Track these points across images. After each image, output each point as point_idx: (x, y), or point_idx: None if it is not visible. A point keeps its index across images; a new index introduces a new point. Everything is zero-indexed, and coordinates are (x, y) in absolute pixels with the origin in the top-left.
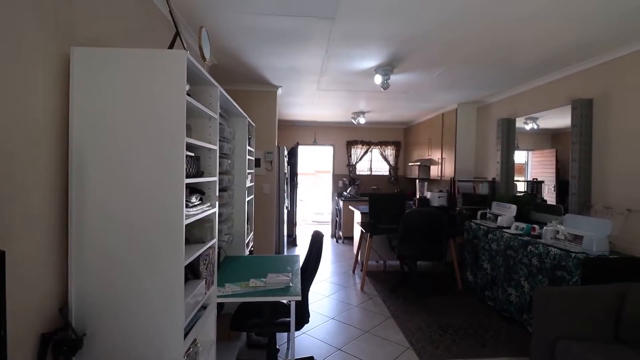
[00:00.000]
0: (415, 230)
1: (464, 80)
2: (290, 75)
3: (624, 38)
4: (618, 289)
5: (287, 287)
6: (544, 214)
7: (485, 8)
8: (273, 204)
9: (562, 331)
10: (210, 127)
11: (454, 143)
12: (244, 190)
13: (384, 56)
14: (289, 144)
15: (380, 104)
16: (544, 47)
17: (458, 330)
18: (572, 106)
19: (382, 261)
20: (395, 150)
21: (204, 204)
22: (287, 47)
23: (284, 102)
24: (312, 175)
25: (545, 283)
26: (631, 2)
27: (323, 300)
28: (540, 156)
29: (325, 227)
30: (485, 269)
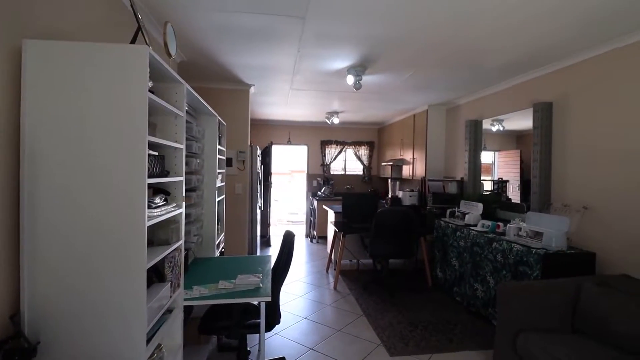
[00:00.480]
0: (387, 229)
1: (434, 82)
2: (263, 74)
3: (580, 46)
4: (574, 282)
5: (257, 288)
6: (508, 211)
7: (455, 14)
8: (245, 204)
9: (523, 324)
10: (177, 126)
11: (424, 143)
12: (214, 190)
13: (355, 57)
14: (263, 144)
15: (353, 105)
16: (509, 52)
17: (427, 326)
18: (533, 109)
19: (355, 260)
20: (369, 150)
21: (169, 205)
22: (258, 45)
23: (257, 101)
24: (287, 175)
25: (509, 278)
26: (586, 14)
27: (296, 300)
28: (506, 156)
29: (300, 227)
30: (454, 266)
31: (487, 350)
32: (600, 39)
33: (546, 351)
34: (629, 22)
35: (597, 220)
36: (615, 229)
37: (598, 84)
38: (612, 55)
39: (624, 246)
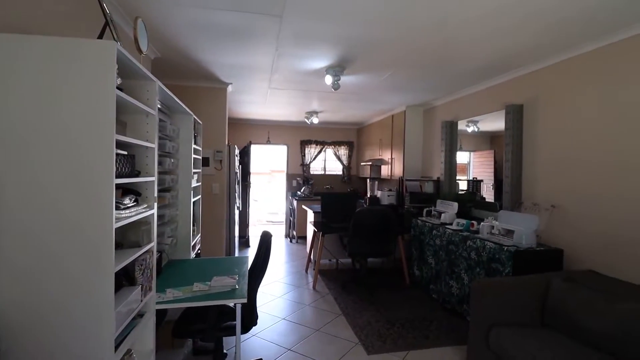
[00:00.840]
0: (366, 228)
1: (411, 84)
2: (241, 73)
3: (548, 50)
4: (543, 278)
5: (233, 289)
6: (482, 210)
7: (431, 18)
8: (223, 204)
9: (495, 319)
10: (148, 124)
11: (402, 144)
12: (190, 190)
13: (334, 57)
14: (242, 143)
15: (332, 105)
16: (483, 56)
17: (404, 324)
18: (505, 111)
19: (334, 259)
20: (348, 150)
21: (140, 206)
22: (235, 43)
23: (236, 99)
24: (267, 175)
25: (482, 275)
26: (553, 23)
27: (275, 301)
28: (481, 157)
29: (280, 227)
30: (430, 264)
31: (461, 345)
32: (566, 46)
33: (517, 345)
34: (591, 31)
35: (565, 219)
36: (581, 227)
37: (564, 87)
38: (577, 60)
39: (590, 243)
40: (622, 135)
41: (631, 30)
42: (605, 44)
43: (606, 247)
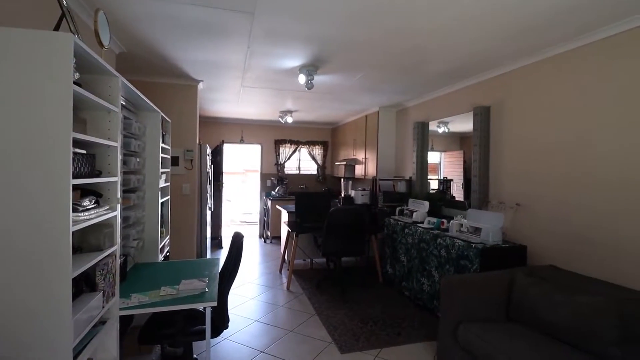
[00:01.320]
0: (339, 227)
1: (383, 85)
2: (212, 70)
3: (513, 55)
4: (508, 274)
5: (203, 292)
6: (452, 209)
7: (402, 20)
8: (194, 205)
9: (464, 315)
10: (110, 122)
11: (376, 144)
12: (157, 191)
13: (307, 56)
14: (214, 142)
15: (306, 104)
16: (451, 59)
17: (377, 321)
18: (473, 112)
19: (308, 259)
20: (323, 149)
21: (101, 207)
22: (205, 39)
23: (207, 97)
24: (241, 175)
25: (452, 272)
26: (519, 26)
27: (248, 303)
28: (451, 157)
29: (255, 227)
30: (402, 262)
31: (432, 341)
32: (529, 51)
33: (483, 339)
34: (552, 36)
35: (528, 216)
36: (543, 224)
37: (526, 91)
38: (538, 65)
39: (551, 239)
40: (580, 138)
41: (588, 38)
42: (564, 50)
43: (566, 244)
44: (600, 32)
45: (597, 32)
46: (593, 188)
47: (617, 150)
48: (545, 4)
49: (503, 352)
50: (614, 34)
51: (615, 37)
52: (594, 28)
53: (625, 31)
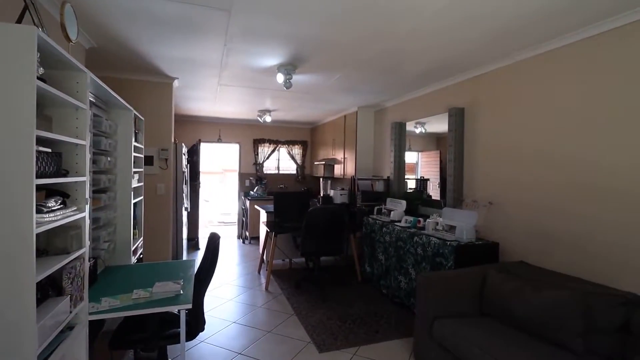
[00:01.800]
0: (318, 227)
1: (361, 85)
2: (188, 67)
3: (486, 58)
4: (481, 270)
5: (178, 295)
6: (428, 207)
7: (379, 21)
8: (169, 205)
9: (439, 311)
10: (78, 119)
11: (355, 144)
12: (130, 191)
13: (285, 55)
14: (190, 141)
15: (285, 103)
16: (426, 61)
17: (356, 320)
18: (448, 113)
19: (287, 259)
20: (302, 149)
21: (68, 208)
22: (181, 36)
23: (183, 95)
24: (219, 175)
25: (428, 269)
26: (491, 31)
27: (225, 304)
28: (428, 157)
29: (233, 228)
30: (380, 260)
31: (409, 338)
32: (500, 55)
33: (457, 334)
34: (522, 41)
35: (500, 214)
36: (514, 222)
37: (498, 93)
38: (510, 68)
39: (521, 236)
40: (546, 140)
41: (559, 42)
42: (533, 55)
43: (534, 241)
44: (567, 38)
45: (563, 38)
46: (558, 188)
47: (581, 152)
48: (517, 10)
49: (476, 345)
50: (580, 39)
51: (581, 42)
52: (562, 34)
53: (587, 38)
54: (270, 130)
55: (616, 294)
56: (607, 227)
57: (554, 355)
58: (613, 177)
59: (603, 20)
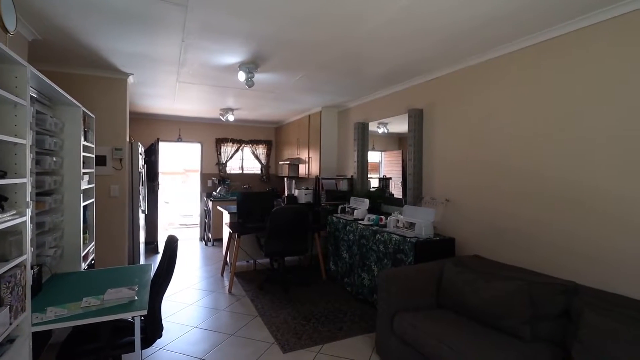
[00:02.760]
0: (282, 227)
1: (324, 85)
2: (144, 63)
3: (442, 62)
4: (438, 264)
5: (132, 301)
6: (390, 206)
7: (340, 22)
8: (124, 207)
9: (399, 305)
10: (17, 116)
11: (319, 143)
12: (79, 193)
13: (246, 54)
14: (148, 140)
15: (248, 102)
16: (386, 62)
17: (320, 318)
18: (408, 114)
19: (252, 260)
20: (266, 149)
21: (6, 213)
22: (135, 30)
23: (140, 92)
24: (181, 175)
25: (390, 265)
26: (441, 40)
27: (186, 309)
28: (390, 156)
29: (195, 230)
30: (345, 258)
31: (372, 333)
32: (455, 59)
33: (415, 327)
34: (475, 45)
35: (456, 211)
36: (469, 218)
37: (453, 95)
38: (464, 72)
39: (475, 231)
40: (499, 139)
41: (508, 48)
42: (484, 59)
43: (487, 235)
44: (516, 44)
45: (512, 43)
46: (507, 185)
47: (526, 151)
48: (466, 18)
49: (433, 336)
50: (527, 45)
51: (534, 47)
52: (512, 39)
53: (538, 43)
54: (234, 130)
55: (557, 282)
56: (550, 226)
57: (504, 342)
58: (557, 181)
59: (557, 25)
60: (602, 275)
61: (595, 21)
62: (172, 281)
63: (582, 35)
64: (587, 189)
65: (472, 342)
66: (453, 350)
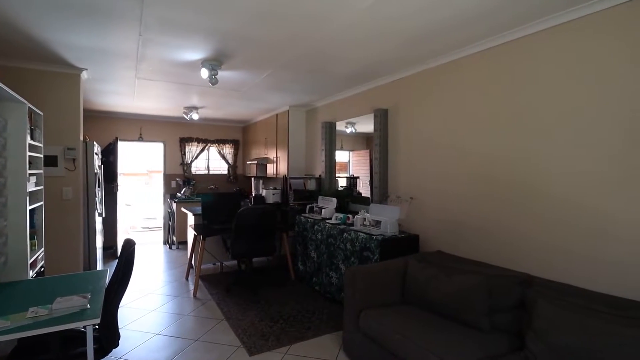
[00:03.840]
0: (249, 227)
1: (291, 85)
2: (98, 58)
3: (403, 64)
4: (403, 261)
5: (84, 310)
6: (358, 204)
7: (298, 24)
8: (78, 211)
9: (365, 303)
10: None
11: (287, 142)
12: (25, 196)
13: (208, 50)
14: (106, 139)
15: (213, 100)
16: (352, 64)
17: (288, 319)
18: (374, 114)
19: (218, 263)
20: (233, 148)
21: None
22: (88, 22)
23: (95, 89)
24: (144, 176)
25: (357, 263)
26: (403, 43)
27: (148, 316)
28: (358, 156)
29: (159, 233)
30: (313, 258)
31: (339, 331)
32: (418, 60)
33: (380, 323)
34: (435, 48)
35: (420, 208)
36: (431, 215)
37: (414, 96)
38: (426, 73)
39: (438, 228)
40: (458, 139)
41: (462, 52)
42: (444, 62)
43: (449, 231)
44: (474, 47)
45: (471, 47)
46: (466, 183)
47: (484, 151)
48: (429, 19)
49: (397, 331)
50: (487, 48)
51: (487, 51)
52: (470, 43)
53: (494, 46)
54: (199, 129)
55: (513, 275)
56: (505, 222)
57: (464, 333)
58: (512, 178)
59: (509, 30)
60: (554, 267)
61: (538, 29)
62: (133, 287)
63: (527, 41)
64: (536, 190)
65: (433, 335)
66: (416, 344)
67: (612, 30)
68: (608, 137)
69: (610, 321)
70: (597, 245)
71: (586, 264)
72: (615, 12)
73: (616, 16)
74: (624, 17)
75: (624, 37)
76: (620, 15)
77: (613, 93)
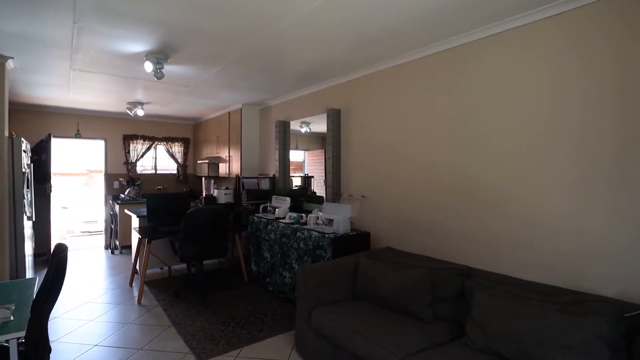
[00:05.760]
0: (199, 229)
1: (242, 82)
2: (26, 45)
3: (355, 65)
4: (354, 258)
5: (6, 322)
6: (312, 203)
7: (244, 19)
8: (3, 214)
9: (317, 300)
10: None
11: (240, 141)
12: None
13: (153, 42)
14: (38, 135)
15: (160, 96)
16: (304, 63)
17: (240, 321)
18: (327, 114)
19: (165, 267)
20: (183, 147)
21: None
22: (12, 5)
23: (24, 80)
24: (84, 176)
25: (310, 262)
26: (355, 40)
27: (87, 326)
28: (314, 155)
29: (100, 237)
30: (266, 258)
31: (292, 331)
32: (368, 62)
33: (330, 319)
34: (385, 51)
35: (371, 206)
36: (381, 212)
37: (365, 98)
38: (377, 75)
39: (387, 225)
40: (402, 140)
41: (409, 57)
42: (396, 64)
43: (398, 228)
44: (421, 52)
45: (418, 51)
46: (413, 183)
47: (427, 152)
48: (378, 24)
49: (345, 326)
50: (439, 50)
51: (439, 54)
52: (418, 47)
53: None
54: (145, 126)
55: (454, 267)
56: (449, 216)
57: (408, 324)
58: (453, 176)
59: (459, 34)
60: (492, 258)
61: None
62: (69, 296)
63: (475, 46)
64: (478, 183)
65: (380, 327)
66: (363, 336)
67: (537, 43)
68: (546, 140)
69: (539, 307)
70: (530, 238)
71: (520, 255)
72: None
73: (539, 30)
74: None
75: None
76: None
77: (534, 100)
